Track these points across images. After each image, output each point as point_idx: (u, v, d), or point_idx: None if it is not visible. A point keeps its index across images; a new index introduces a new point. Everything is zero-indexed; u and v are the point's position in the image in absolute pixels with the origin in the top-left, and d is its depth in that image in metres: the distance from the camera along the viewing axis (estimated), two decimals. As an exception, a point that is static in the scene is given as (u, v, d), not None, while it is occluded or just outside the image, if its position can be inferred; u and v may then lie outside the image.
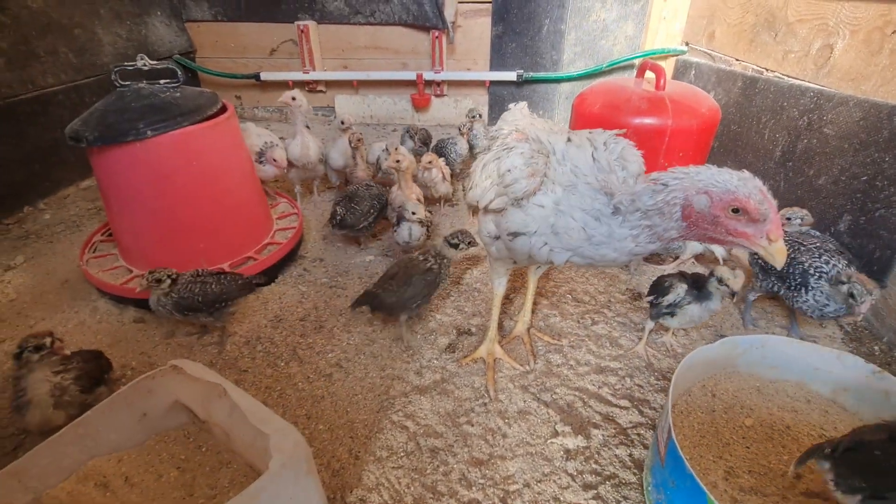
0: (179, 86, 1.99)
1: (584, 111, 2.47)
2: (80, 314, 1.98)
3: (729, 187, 0.93)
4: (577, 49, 3.96)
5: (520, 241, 1.25)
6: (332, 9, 3.96)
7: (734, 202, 0.92)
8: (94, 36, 3.24)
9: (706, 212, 0.96)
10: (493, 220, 1.37)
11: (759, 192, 0.92)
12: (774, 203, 0.93)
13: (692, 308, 1.61)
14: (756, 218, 0.92)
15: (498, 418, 1.53)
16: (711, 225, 0.97)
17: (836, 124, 2.07)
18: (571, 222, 1.14)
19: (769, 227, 0.93)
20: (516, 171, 1.19)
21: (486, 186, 1.29)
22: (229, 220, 2.09)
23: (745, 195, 0.92)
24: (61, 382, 1.29)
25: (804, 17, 2.37)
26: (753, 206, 0.91)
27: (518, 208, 1.22)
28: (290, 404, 1.57)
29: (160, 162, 1.84)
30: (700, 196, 0.95)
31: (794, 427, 1.31)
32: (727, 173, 0.95)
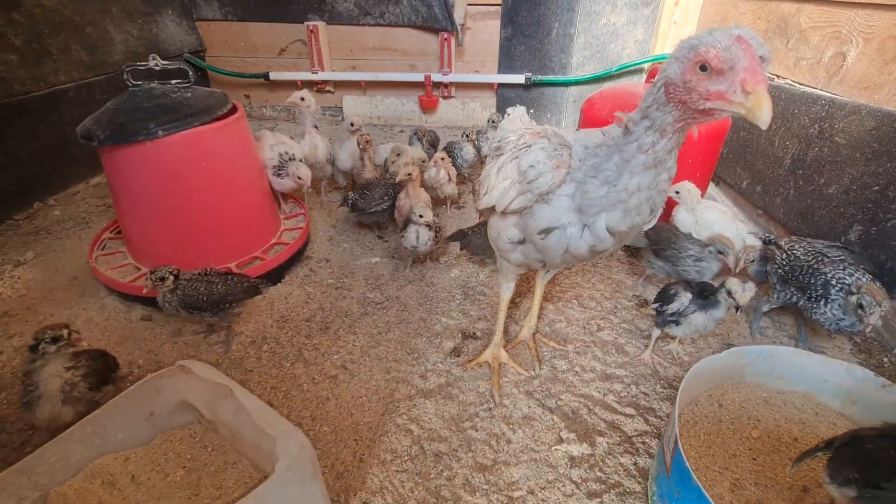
0: (190, 86, 2.01)
1: (592, 116, 2.47)
2: (88, 311, 2.00)
3: (693, 43, 0.85)
4: (587, 53, 3.95)
5: (554, 237, 1.22)
6: (342, 10, 3.97)
7: (696, 58, 0.84)
8: (105, 34, 3.27)
9: (678, 80, 0.89)
10: (515, 224, 1.34)
11: (728, 38, 0.82)
12: (757, 48, 0.81)
13: (697, 317, 1.61)
14: (720, 68, 0.83)
15: (502, 424, 1.52)
16: (687, 95, 0.89)
17: (848, 133, 2.05)
18: (587, 182, 1.12)
19: (742, 76, 0.81)
20: (540, 166, 1.17)
21: (506, 187, 1.27)
22: (237, 219, 2.10)
23: (705, 47, 0.83)
24: (72, 378, 1.30)
25: (817, 24, 2.36)
26: (714, 54, 0.82)
27: (545, 203, 1.20)
28: (295, 405, 1.58)
29: (170, 161, 1.85)
30: (673, 64, 0.90)
31: (802, 439, 1.30)
32: (705, 33, 0.86)
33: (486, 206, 1.36)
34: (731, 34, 0.82)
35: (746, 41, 0.81)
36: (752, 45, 0.81)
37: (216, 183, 1.98)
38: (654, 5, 3.74)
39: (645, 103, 1.01)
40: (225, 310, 1.73)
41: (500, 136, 1.63)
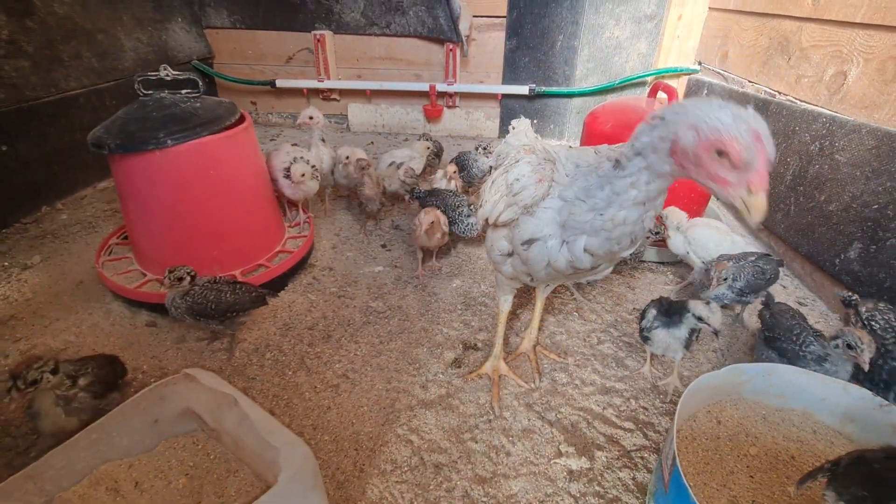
0: (200, 96, 2.04)
1: (595, 129, 2.50)
2: (94, 316, 2.02)
3: (717, 125, 0.84)
4: (590, 65, 4.00)
5: (535, 249, 1.26)
6: (349, 20, 4.03)
7: (718, 143, 0.84)
8: (116, 41, 3.32)
9: (691, 149, 0.89)
10: (504, 236, 1.38)
11: (750, 134, 0.82)
12: (769, 151, 0.83)
13: (659, 332, 1.63)
14: (737, 164, 0.84)
15: (502, 436, 1.54)
16: (694, 164, 0.90)
17: (849, 151, 2.07)
18: (574, 203, 1.15)
19: (752, 177, 0.84)
20: (524, 179, 1.22)
21: (496, 200, 1.32)
22: (243, 227, 2.13)
23: (730, 136, 0.83)
24: (65, 393, 1.31)
25: (818, 42, 2.39)
26: (736, 150, 0.83)
27: (530, 216, 1.25)
28: (296, 414, 1.59)
29: (178, 170, 1.88)
30: (689, 131, 0.88)
31: (799, 457, 1.31)
32: (727, 109, 0.85)
33: (481, 218, 1.41)
34: (753, 130, 0.83)
35: (763, 142, 0.83)
36: (766, 148, 0.83)
37: (223, 191, 2.01)
38: (657, 20, 3.79)
39: (639, 142, 1.00)
40: (231, 318, 1.76)
41: (504, 151, 1.67)
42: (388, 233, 2.78)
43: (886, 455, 1.07)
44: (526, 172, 1.23)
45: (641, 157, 1.01)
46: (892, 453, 1.07)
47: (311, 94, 4.41)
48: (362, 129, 4.51)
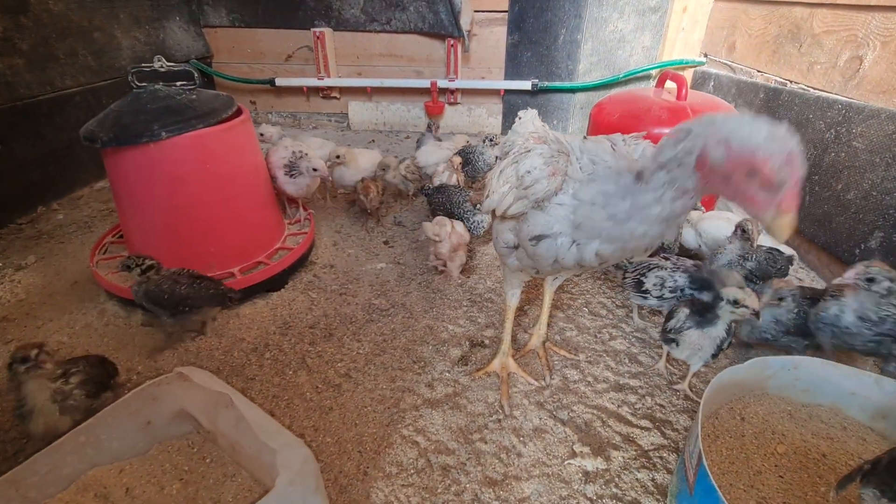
0: (196, 88, 1.98)
1: (602, 120, 2.43)
2: (88, 316, 1.96)
3: (750, 144, 0.82)
4: (594, 59, 3.93)
5: (544, 245, 1.19)
6: (349, 16, 3.98)
7: (751, 162, 0.82)
8: (112, 39, 3.27)
9: (720, 166, 0.86)
10: (510, 229, 1.32)
11: (784, 154, 0.80)
12: (801, 170, 0.81)
13: (691, 334, 1.48)
14: (769, 184, 0.82)
15: (512, 436, 1.46)
16: (722, 181, 0.88)
17: (867, 137, 2.00)
18: (591, 207, 1.08)
19: (783, 198, 0.82)
20: (536, 172, 1.14)
21: (504, 191, 1.24)
22: (241, 223, 2.06)
23: (764, 156, 0.80)
24: (62, 387, 1.25)
25: (831, 28, 2.32)
26: (769, 171, 0.80)
27: (540, 210, 1.18)
28: (297, 415, 1.52)
29: (174, 164, 1.82)
30: (718, 146, 0.85)
31: (831, 455, 1.23)
32: (758, 125, 0.83)
33: (487, 209, 1.33)
34: (786, 149, 0.80)
35: (796, 162, 0.81)
36: (797, 167, 0.81)
37: (220, 186, 1.95)
38: (661, 12, 3.72)
39: (663, 156, 0.95)
40: (183, 313, 1.71)
41: (511, 140, 1.59)
42: (390, 229, 2.72)
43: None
44: (538, 164, 1.15)
45: (665, 172, 0.95)
46: None
47: (310, 93, 4.36)
48: (363, 127, 4.46)
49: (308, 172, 2.36)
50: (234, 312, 1.99)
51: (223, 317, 1.96)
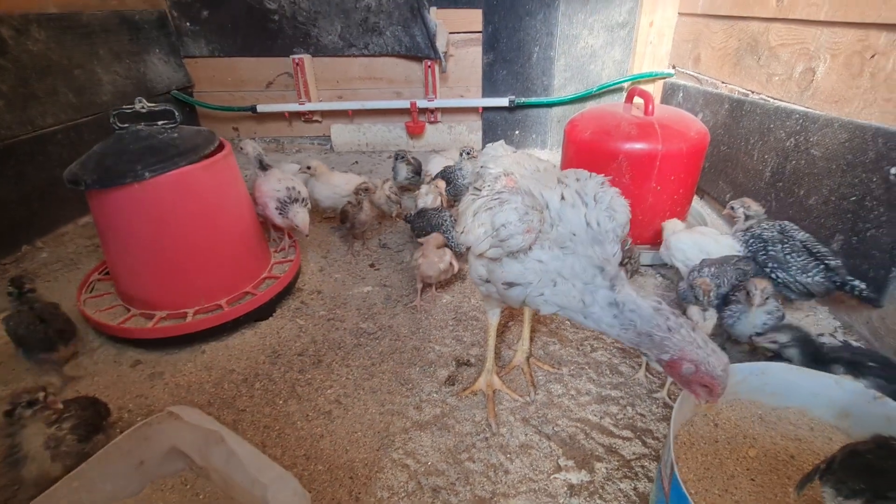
0: (177, 126, 2.03)
1: (575, 137, 2.52)
2: (76, 355, 1.97)
3: (714, 373, 1.07)
4: (567, 74, 4.06)
5: (516, 290, 1.26)
6: (327, 42, 4.06)
7: (709, 383, 1.08)
8: (93, 75, 3.31)
9: (685, 375, 1.10)
10: (484, 266, 1.37)
11: (722, 367, 1.08)
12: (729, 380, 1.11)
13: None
14: (705, 386, 1.10)
15: (500, 453, 1.51)
16: (679, 378, 1.13)
17: (823, 146, 2.11)
18: (572, 290, 1.19)
19: (711, 394, 1.11)
20: (511, 227, 1.19)
21: (480, 235, 1.29)
22: (227, 256, 2.10)
23: (719, 382, 1.08)
24: (56, 433, 1.27)
25: (785, 41, 2.44)
26: (717, 389, 1.09)
27: (515, 260, 1.24)
28: (289, 445, 1.55)
29: (158, 202, 1.86)
30: (689, 365, 1.09)
31: (799, 456, 1.30)
32: (716, 357, 1.07)
33: (464, 244, 1.37)
34: (723, 363, 1.07)
35: (728, 371, 1.08)
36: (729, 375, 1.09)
37: (205, 221, 1.99)
38: (629, 27, 3.87)
39: (640, 319, 1.13)
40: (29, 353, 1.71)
41: (482, 164, 1.64)
42: (375, 252, 2.76)
43: (877, 445, 1.08)
44: (513, 220, 1.20)
45: (634, 327, 1.13)
46: (882, 443, 1.08)
47: (292, 117, 4.42)
48: (346, 148, 4.52)
49: (295, 218, 2.37)
50: (224, 344, 2.02)
51: (212, 349, 1.99)
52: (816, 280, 1.87)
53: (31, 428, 1.23)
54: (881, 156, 1.81)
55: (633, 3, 3.77)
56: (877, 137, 1.83)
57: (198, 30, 4.07)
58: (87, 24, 3.28)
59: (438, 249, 2.17)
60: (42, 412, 1.23)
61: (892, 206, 1.77)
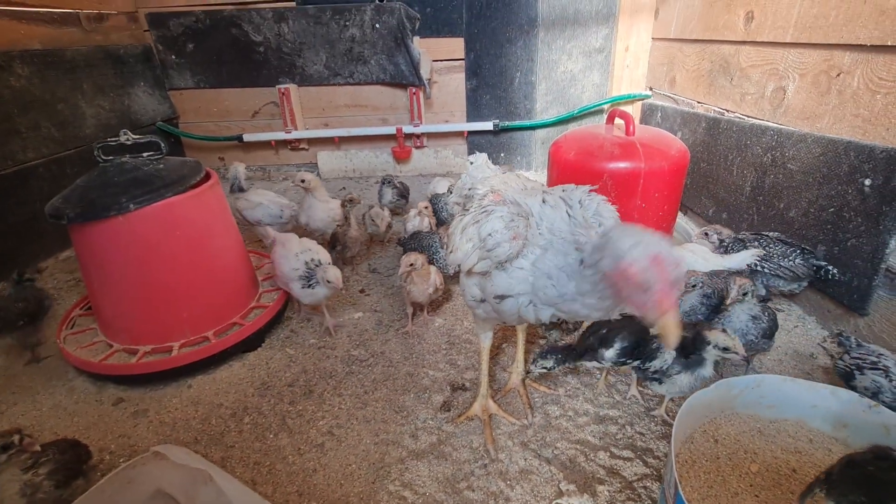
0: (163, 157, 2.02)
1: (559, 159, 2.57)
2: (56, 395, 1.89)
3: (620, 252, 0.91)
4: (549, 98, 4.17)
5: (507, 303, 1.25)
6: (312, 72, 4.12)
7: (623, 269, 0.91)
8: (77, 109, 3.30)
9: (610, 275, 0.97)
10: (477, 284, 1.36)
11: (647, 258, 0.88)
12: (671, 272, 0.87)
13: (682, 378, 1.51)
14: (641, 288, 0.90)
15: (499, 480, 1.47)
16: (614, 288, 0.99)
17: (799, 160, 2.18)
18: (546, 280, 1.15)
19: (653, 299, 0.88)
20: (498, 235, 1.19)
21: (468, 250, 1.28)
22: (214, 287, 2.06)
23: (629, 261, 0.89)
24: (32, 479, 1.21)
25: (755, 62, 2.55)
26: (634, 272, 0.89)
27: (502, 271, 1.23)
28: (280, 481, 1.49)
29: (143, 234, 1.83)
30: (607, 259, 0.96)
31: (800, 470, 1.29)
32: (630, 237, 0.92)
33: (453, 264, 1.36)
34: (649, 253, 0.88)
35: (662, 264, 0.87)
36: (666, 269, 0.87)
37: (191, 252, 1.96)
38: (606, 52, 4.01)
39: (589, 258, 1.04)
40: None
41: (469, 185, 1.63)
42: (365, 277, 2.74)
43: (875, 456, 1.08)
44: (499, 228, 1.19)
45: (592, 272, 1.04)
46: (880, 453, 1.08)
47: (279, 146, 4.44)
48: (333, 175, 4.54)
49: (324, 284, 2.08)
50: (211, 377, 1.96)
51: (199, 383, 1.93)
52: (797, 263, 2.01)
53: (5, 475, 1.17)
54: (854, 168, 1.88)
55: (608, 29, 3.92)
56: (849, 151, 1.90)
57: (183, 62, 4.11)
58: (71, 60, 3.28)
59: (424, 271, 2.15)
60: (18, 456, 1.16)
61: (868, 216, 1.83)
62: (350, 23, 3.92)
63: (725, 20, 2.78)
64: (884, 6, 1.76)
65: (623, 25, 3.89)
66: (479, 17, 3.92)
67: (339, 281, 2.07)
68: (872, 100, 1.84)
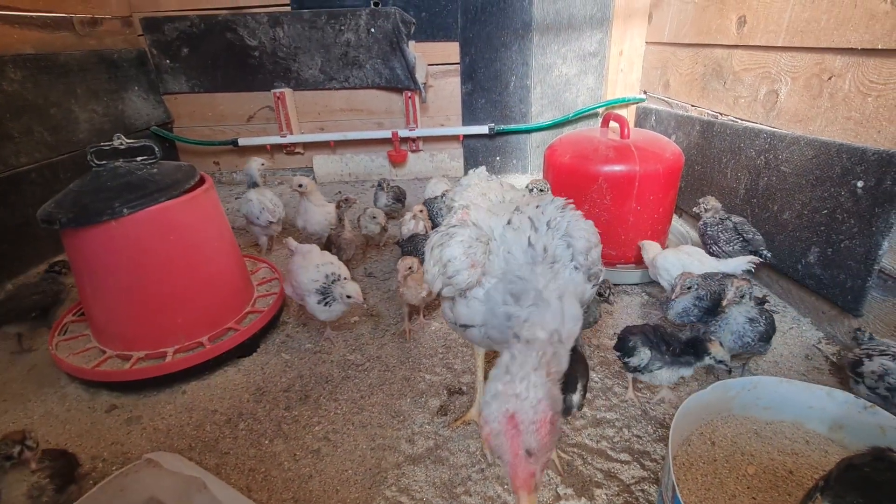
0: (157, 161, 2.00)
1: (555, 162, 2.58)
2: (48, 403, 1.86)
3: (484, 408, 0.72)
4: (544, 101, 4.19)
5: (472, 333, 1.20)
6: (308, 76, 4.12)
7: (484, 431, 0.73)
8: (70, 114, 3.28)
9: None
10: (449, 307, 1.28)
11: (501, 418, 0.70)
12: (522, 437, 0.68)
13: (662, 373, 1.60)
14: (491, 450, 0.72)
15: (497, 485, 1.46)
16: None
17: (792, 162, 2.20)
18: (493, 316, 1.06)
19: (510, 473, 0.70)
20: (457, 262, 1.11)
21: (435, 274, 1.20)
22: (208, 292, 2.04)
23: (484, 417, 0.72)
24: (39, 481, 1.19)
25: (748, 66, 2.57)
26: (485, 434, 0.71)
27: (463, 299, 1.16)
28: (275, 488, 1.48)
29: (137, 239, 1.81)
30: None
31: (797, 471, 1.29)
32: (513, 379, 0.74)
33: (427, 285, 1.30)
34: (504, 411, 0.70)
35: (518, 427, 0.69)
36: (522, 435, 0.68)
37: (186, 257, 1.94)
38: (600, 56, 4.03)
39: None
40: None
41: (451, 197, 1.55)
42: (361, 281, 2.73)
43: (874, 457, 1.08)
44: (458, 255, 1.12)
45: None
46: (879, 455, 1.08)
47: (274, 150, 4.43)
48: (329, 179, 4.53)
49: (343, 300, 2.01)
50: (205, 383, 1.94)
51: (193, 389, 1.91)
52: (736, 248, 2.25)
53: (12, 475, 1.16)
54: (846, 170, 1.89)
55: (602, 34, 3.95)
56: (841, 153, 1.92)
57: (178, 67, 4.10)
58: (65, 64, 3.27)
59: (419, 275, 2.14)
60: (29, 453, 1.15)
61: (861, 217, 1.84)
62: (345, 27, 3.92)
63: (718, 24, 2.81)
64: (874, 10, 1.79)
65: (617, 30, 3.92)
66: (474, 21, 3.94)
67: (359, 296, 1.98)
68: (864, 102, 1.86)
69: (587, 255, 1.11)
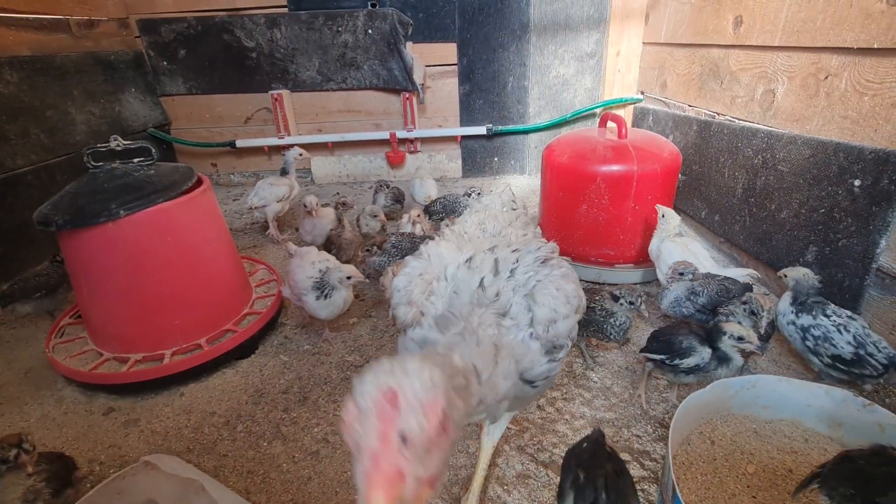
0: (154, 163, 2.00)
1: (553, 162, 2.58)
2: (44, 406, 1.85)
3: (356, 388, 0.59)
4: (542, 102, 4.19)
5: None
6: (305, 78, 4.12)
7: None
8: (66, 116, 3.27)
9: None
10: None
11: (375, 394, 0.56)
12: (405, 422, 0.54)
13: (720, 373, 1.48)
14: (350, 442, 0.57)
15: (497, 486, 1.45)
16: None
17: (789, 162, 2.20)
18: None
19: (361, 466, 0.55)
20: (398, 295, 1.02)
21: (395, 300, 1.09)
22: (206, 293, 2.04)
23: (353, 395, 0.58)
24: (35, 485, 1.18)
25: (745, 66, 2.58)
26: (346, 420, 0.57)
27: (403, 336, 1.05)
28: (274, 490, 1.47)
29: (134, 240, 1.81)
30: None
31: (797, 470, 1.29)
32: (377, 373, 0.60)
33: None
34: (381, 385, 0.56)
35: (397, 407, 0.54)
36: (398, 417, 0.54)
37: (183, 258, 1.94)
38: (597, 57, 4.04)
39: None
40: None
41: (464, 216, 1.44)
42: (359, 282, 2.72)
43: (871, 452, 1.09)
44: (400, 287, 1.02)
45: None
46: (878, 450, 1.09)
47: (272, 151, 4.42)
48: (327, 180, 4.53)
49: (342, 284, 1.98)
50: (203, 385, 1.93)
51: (191, 391, 1.90)
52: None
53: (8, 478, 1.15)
54: (843, 169, 1.90)
55: (599, 34, 3.96)
56: (838, 152, 1.92)
57: (175, 68, 4.09)
58: (61, 66, 3.26)
59: None
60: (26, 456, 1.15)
61: (859, 216, 1.84)
62: (343, 28, 3.92)
63: (715, 25, 2.81)
64: (869, 10, 1.79)
65: (614, 30, 3.93)
66: (471, 22, 3.95)
67: (358, 274, 1.95)
68: (860, 101, 1.86)
69: (548, 328, 0.94)
